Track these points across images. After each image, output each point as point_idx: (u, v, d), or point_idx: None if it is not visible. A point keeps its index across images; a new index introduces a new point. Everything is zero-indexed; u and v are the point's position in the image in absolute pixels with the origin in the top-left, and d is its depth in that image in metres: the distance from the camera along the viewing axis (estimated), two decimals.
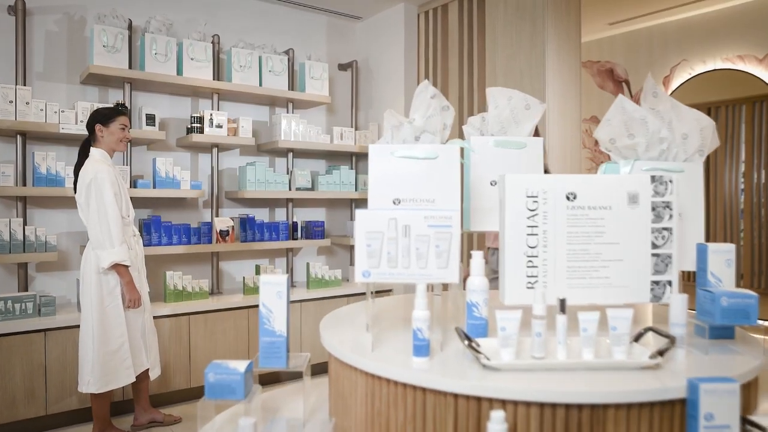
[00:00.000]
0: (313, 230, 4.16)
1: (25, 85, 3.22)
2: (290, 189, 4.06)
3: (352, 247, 4.60)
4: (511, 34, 3.69)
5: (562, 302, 1.15)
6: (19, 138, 3.19)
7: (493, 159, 1.73)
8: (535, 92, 3.40)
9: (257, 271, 3.92)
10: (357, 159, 4.59)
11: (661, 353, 1.14)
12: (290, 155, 4.17)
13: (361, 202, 4.61)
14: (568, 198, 1.33)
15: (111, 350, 2.70)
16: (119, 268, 2.70)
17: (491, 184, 1.72)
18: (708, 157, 1.60)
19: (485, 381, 1.08)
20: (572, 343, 1.21)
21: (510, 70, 3.68)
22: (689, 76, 5.00)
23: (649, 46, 5.27)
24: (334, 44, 4.61)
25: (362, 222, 1.25)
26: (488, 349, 1.19)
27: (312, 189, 4.15)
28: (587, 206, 1.34)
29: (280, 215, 4.29)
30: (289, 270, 4.24)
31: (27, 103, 3.07)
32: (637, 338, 1.25)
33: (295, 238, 4.09)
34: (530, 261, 1.33)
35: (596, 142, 5.77)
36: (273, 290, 1.40)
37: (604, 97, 5.58)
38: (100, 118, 2.80)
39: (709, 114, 4.82)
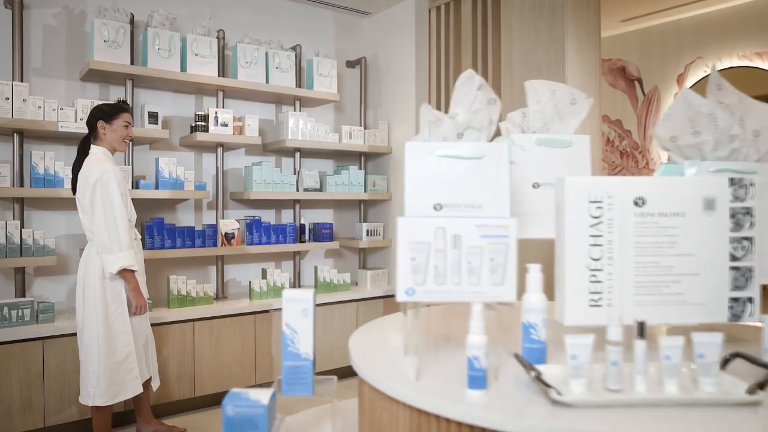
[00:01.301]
0: (321, 232, 4.01)
1: (22, 81, 3.07)
2: (297, 190, 3.90)
3: (360, 250, 4.46)
4: (528, 29, 3.53)
5: (641, 325, 0.99)
6: (16, 136, 3.04)
7: (534, 159, 1.57)
8: None
9: (264, 275, 3.78)
10: (366, 159, 4.44)
11: (761, 386, 0.97)
12: (297, 155, 4.02)
13: (371, 204, 4.47)
14: (636, 203, 1.17)
15: (117, 360, 2.57)
16: (126, 274, 2.56)
17: (533, 186, 1.57)
18: None
19: (558, 421, 0.92)
20: (650, 371, 1.05)
21: (527, 67, 3.51)
22: (704, 74, 4.85)
23: (663, 44, 5.12)
24: (342, 40, 4.46)
25: (405, 231, 1.09)
26: (553, 379, 1.03)
27: (320, 190, 4.01)
28: (658, 213, 1.17)
29: (287, 217, 4.14)
30: (297, 273, 4.09)
31: (24, 100, 2.93)
32: (722, 365, 1.08)
33: (302, 241, 3.94)
34: (593, 275, 1.16)
35: (608, 141, 5.62)
36: (297, 308, 1.24)
37: (615, 95, 5.43)
38: (103, 114, 2.66)
39: None
